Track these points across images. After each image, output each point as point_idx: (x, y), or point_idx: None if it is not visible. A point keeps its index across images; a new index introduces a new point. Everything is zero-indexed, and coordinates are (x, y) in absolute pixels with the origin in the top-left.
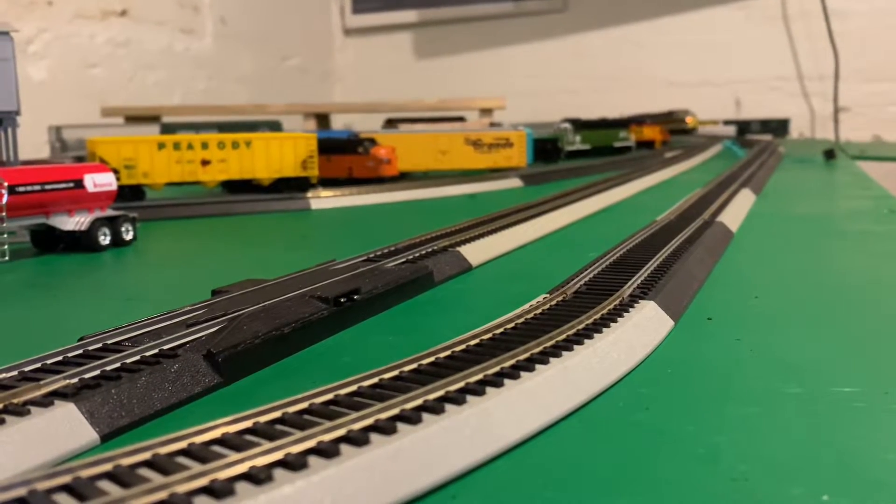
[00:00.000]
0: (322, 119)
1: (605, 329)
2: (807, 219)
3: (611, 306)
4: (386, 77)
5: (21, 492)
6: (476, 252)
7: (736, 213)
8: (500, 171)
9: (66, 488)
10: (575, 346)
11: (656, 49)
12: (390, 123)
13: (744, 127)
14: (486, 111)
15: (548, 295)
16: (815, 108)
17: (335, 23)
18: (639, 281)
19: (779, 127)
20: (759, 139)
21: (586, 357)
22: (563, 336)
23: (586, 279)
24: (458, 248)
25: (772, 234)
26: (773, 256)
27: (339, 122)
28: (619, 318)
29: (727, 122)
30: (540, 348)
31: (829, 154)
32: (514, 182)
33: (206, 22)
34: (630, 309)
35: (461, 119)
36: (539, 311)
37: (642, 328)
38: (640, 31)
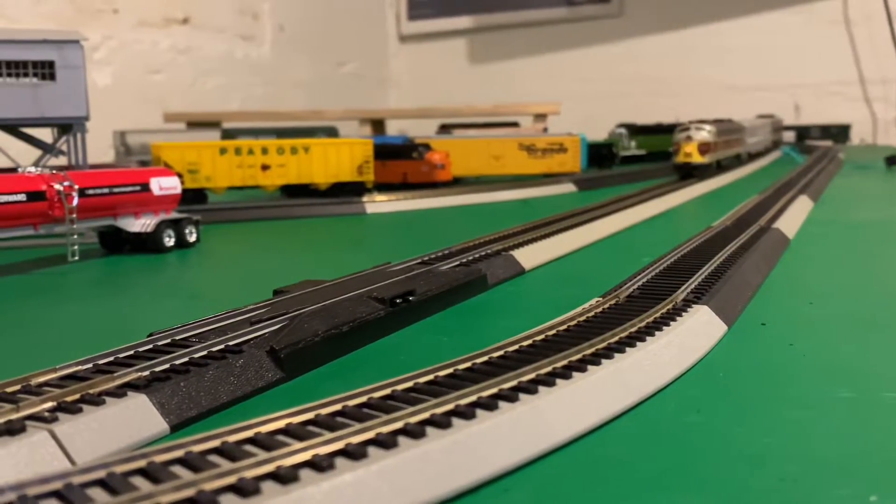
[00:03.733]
0: (377, 124)
1: (657, 332)
2: (865, 226)
3: (664, 310)
4: (440, 82)
5: (100, 474)
6: (529, 256)
7: (793, 219)
8: (553, 177)
9: (141, 472)
10: (627, 349)
11: (713, 53)
12: (444, 129)
13: (803, 132)
14: (540, 116)
15: (600, 298)
16: (877, 114)
17: (391, 29)
18: (692, 286)
19: (839, 132)
20: (818, 145)
21: (638, 359)
22: (616, 338)
23: (640, 283)
24: (511, 252)
25: (829, 241)
26: (830, 263)
27: (393, 128)
28: (671, 322)
29: (786, 128)
30: (592, 350)
31: (892, 160)
32: (568, 187)
33: (265, 29)
34: (683, 313)
35: (515, 124)
36: (591, 314)
37: (695, 332)
38: (697, 36)
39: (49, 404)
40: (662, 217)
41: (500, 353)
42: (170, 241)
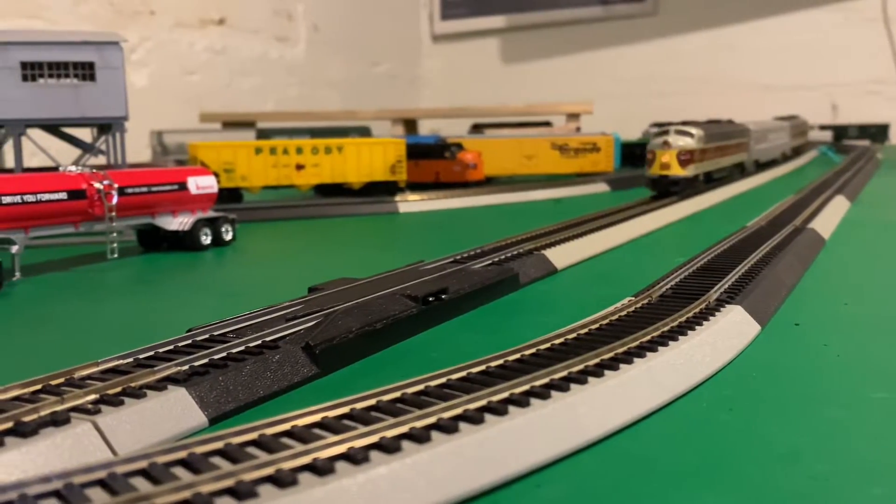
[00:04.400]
0: (410, 124)
1: (690, 332)
2: None
3: (696, 310)
4: (473, 82)
5: (143, 464)
6: (561, 255)
7: (829, 219)
8: (586, 176)
9: (182, 462)
10: (659, 348)
11: (749, 52)
12: (476, 128)
13: (840, 132)
14: (573, 115)
15: (633, 298)
16: None
17: (424, 29)
18: (726, 286)
19: (878, 132)
20: (856, 145)
21: (671, 358)
22: (648, 337)
23: (672, 283)
24: (543, 252)
25: (865, 242)
26: (865, 264)
27: (426, 128)
28: (704, 322)
29: (823, 128)
30: (624, 348)
31: None
32: (601, 187)
33: (299, 29)
34: (716, 313)
35: (548, 124)
36: (624, 313)
37: (728, 332)
38: (733, 34)
39: (92, 397)
40: (697, 216)
41: (533, 350)
42: (206, 240)
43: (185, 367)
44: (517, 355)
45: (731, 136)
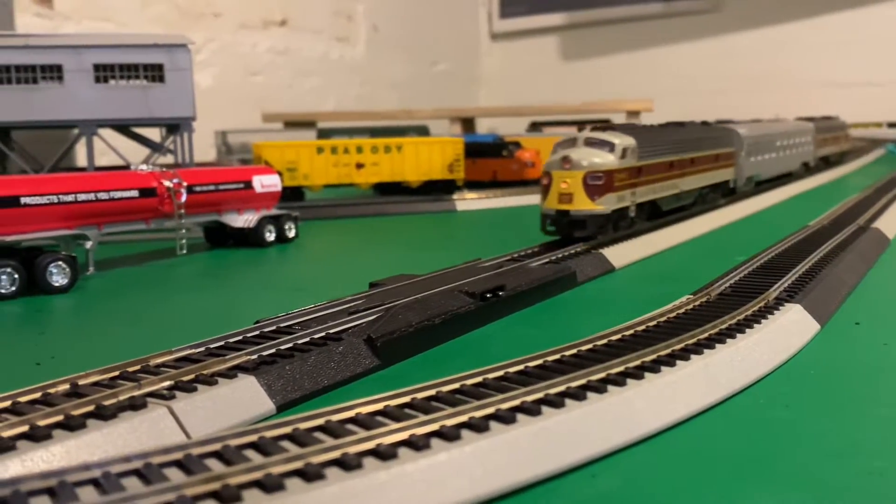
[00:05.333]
0: (468, 123)
1: (748, 330)
2: None
3: (755, 308)
4: (531, 80)
5: (216, 447)
6: (620, 254)
7: (894, 218)
8: None
9: (253, 445)
10: (717, 345)
11: (814, 48)
12: (535, 127)
13: None
14: (633, 113)
15: (691, 296)
16: None
17: (482, 28)
18: (785, 284)
19: None
20: None
21: (728, 355)
22: (705, 335)
23: (731, 282)
24: (601, 250)
25: None
26: None
27: (483, 126)
28: (763, 320)
29: (892, 125)
30: (681, 345)
31: None
32: None
33: (359, 30)
34: (775, 311)
35: (607, 122)
36: (682, 310)
37: (786, 330)
38: (797, 30)
39: (167, 383)
40: (759, 215)
41: (590, 346)
42: (270, 237)
43: (254, 357)
44: (574, 350)
45: (698, 146)
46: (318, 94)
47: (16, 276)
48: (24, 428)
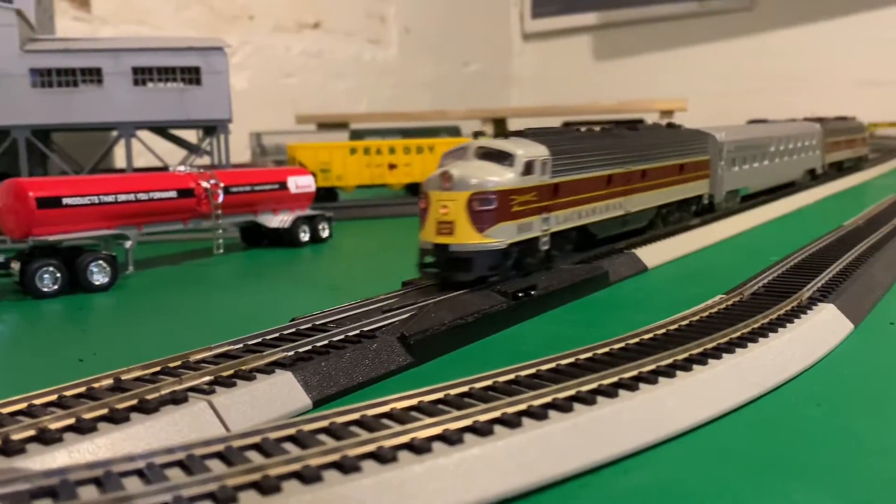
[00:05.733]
0: (499, 123)
1: (780, 329)
2: None
3: (788, 307)
4: (563, 80)
5: (256, 439)
6: (652, 254)
7: None
8: None
9: (291, 438)
10: (749, 344)
11: (850, 46)
12: (567, 127)
13: None
14: (667, 113)
15: (724, 296)
16: None
17: (514, 28)
18: (818, 284)
19: None
20: None
21: (760, 354)
22: (737, 334)
23: (764, 281)
24: (634, 250)
25: None
26: None
27: (515, 126)
28: (795, 319)
29: None
30: (713, 344)
31: None
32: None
33: (391, 31)
34: (808, 311)
35: (640, 121)
36: (714, 310)
37: (819, 330)
38: (833, 28)
39: (207, 378)
40: (792, 216)
41: (622, 345)
42: (305, 236)
43: (291, 353)
44: (606, 349)
45: (655, 155)
46: (350, 96)
47: (58, 274)
48: (71, 421)
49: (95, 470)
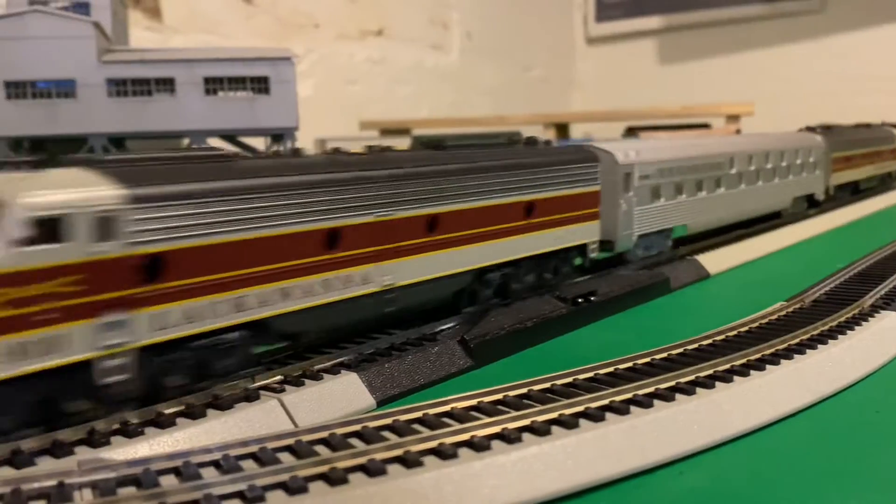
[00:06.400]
0: (561, 129)
1: (840, 336)
2: None
3: (849, 315)
4: (627, 85)
5: (324, 434)
6: (715, 261)
7: None
8: None
9: (356, 434)
10: (808, 350)
11: None
12: (631, 131)
13: None
14: (733, 117)
15: (785, 303)
16: None
17: (577, 32)
18: (882, 292)
19: None
20: None
21: (819, 361)
22: (797, 340)
23: (827, 288)
24: (696, 257)
25: None
26: None
27: (578, 131)
28: (856, 327)
29: None
30: (772, 350)
31: None
32: None
33: (453, 37)
34: (870, 318)
35: (706, 126)
36: (774, 316)
37: (881, 337)
38: None
39: (278, 377)
40: (860, 223)
41: (680, 350)
42: None
43: (356, 355)
44: (664, 354)
45: (448, 190)
46: (412, 102)
47: None
48: (151, 416)
49: (175, 460)
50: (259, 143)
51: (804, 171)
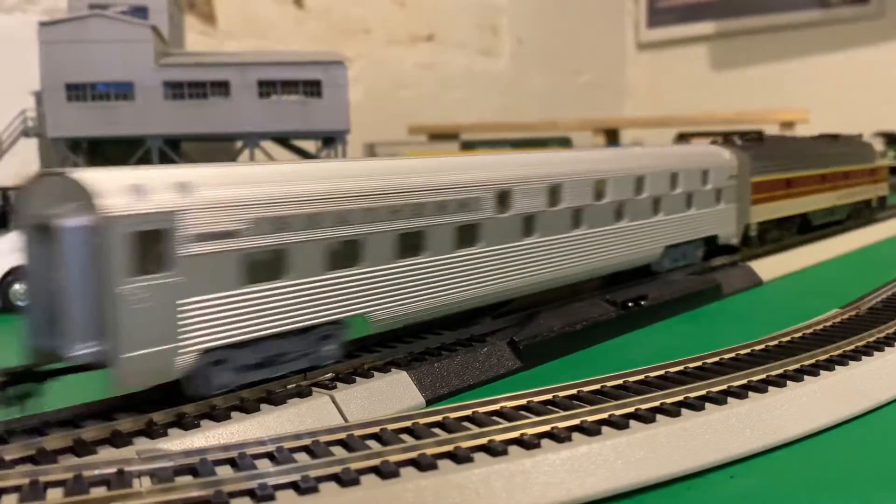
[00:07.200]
0: (611, 134)
1: None
2: None
3: None
4: (679, 90)
5: (375, 429)
6: (768, 267)
7: None
8: None
9: (407, 430)
10: (863, 357)
11: None
12: (682, 138)
13: None
14: (787, 124)
15: (840, 310)
16: None
17: (629, 37)
18: None
19: None
20: None
21: (874, 368)
22: (852, 347)
23: (884, 296)
24: (748, 263)
25: None
26: None
27: (628, 137)
28: None
29: None
30: (826, 356)
31: None
32: None
33: (503, 42)
34: None
35: (759, 133)
36: (829, 323)
37: None
38: None
39: (329, 375)
40: None
41: (732, 355)
42: None
43: (406, 354)
44: (716, 358)
45: None
46: (461, 106)
47: None
48: (205, 409)
49: (230, 451)
50: (309, 145)
51: (694, 205)
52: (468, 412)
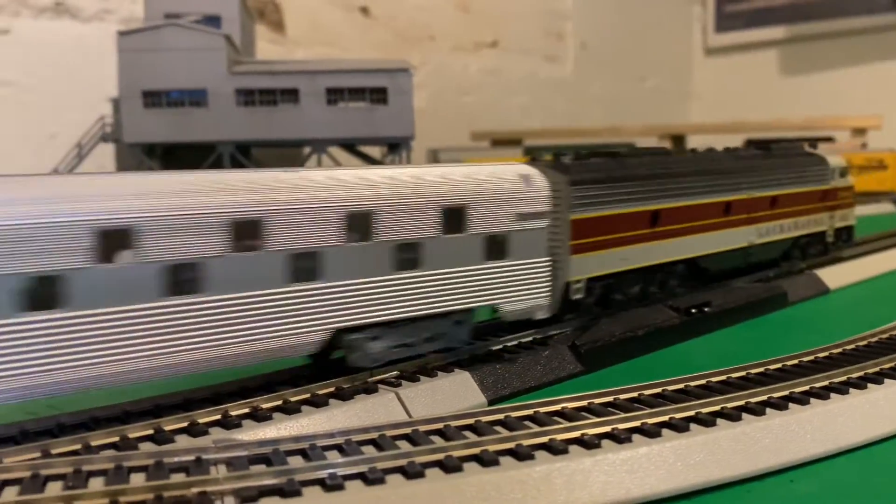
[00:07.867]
0: (677, 140)
1: None
2: None
3: None
4: (747, 96)
5: (439, 425)
6: (835, 275)
7: None
8: (871, 195)
9: (469, 427)
10: None
11: None
12: (751, 145)
13: None
14: (859, 131)
15: None
16: None
17: (696, 42)
18: None
19: None
20: None
21: None
22: None
23: None
24: (815, 271)
25: None
26: None
27: (695, 143)
28: None
29: None
30: (891, 364)
31: None
32: (886, 207)
33: (568, 48)
34: None
35: (830, 139)
36: (895, 332)
37: None
38: None
39: (395, 373)
40: None
41: (795, 361)
42: None
43: (469, 355)
44: (778, 365)
45: None
46: (524, 112)
47: None
48: (279, 402)
49: (301, 443)
50: (374, 150)
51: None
52: (530, 412)
